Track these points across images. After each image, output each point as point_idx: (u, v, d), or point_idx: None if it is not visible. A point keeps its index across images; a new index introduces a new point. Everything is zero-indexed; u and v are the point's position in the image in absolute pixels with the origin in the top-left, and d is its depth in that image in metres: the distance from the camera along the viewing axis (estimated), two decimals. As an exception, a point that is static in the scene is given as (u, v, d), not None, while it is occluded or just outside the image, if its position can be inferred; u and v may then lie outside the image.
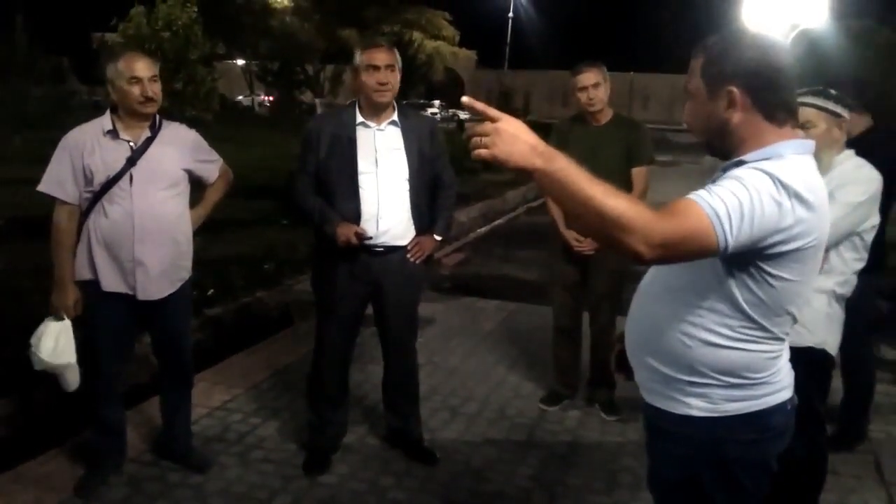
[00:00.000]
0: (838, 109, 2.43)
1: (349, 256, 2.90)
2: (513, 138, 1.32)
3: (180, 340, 2.99)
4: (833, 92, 2.45)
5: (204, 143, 2.98)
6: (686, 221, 1.33)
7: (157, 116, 2.81)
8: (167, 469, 3.02)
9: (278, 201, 8.37)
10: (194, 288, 5.14)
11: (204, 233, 2.90)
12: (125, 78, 2.66)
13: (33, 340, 2.71)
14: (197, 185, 2.98)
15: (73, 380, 2.76)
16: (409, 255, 2.99)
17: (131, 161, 2.70)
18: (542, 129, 1.65)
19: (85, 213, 2.72)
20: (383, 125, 2.92)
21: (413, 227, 2.99)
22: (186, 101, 10.32)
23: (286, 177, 3.61)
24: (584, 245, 3.58)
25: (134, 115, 2.72)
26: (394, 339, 3.16)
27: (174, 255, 2.83)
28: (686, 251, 1.36)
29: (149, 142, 2.75)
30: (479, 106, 1.35)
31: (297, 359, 4.22)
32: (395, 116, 2.94)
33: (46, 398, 3.34)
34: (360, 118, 2.89)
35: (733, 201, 1.33)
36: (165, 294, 2.81)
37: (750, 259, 1.42)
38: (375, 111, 2.90)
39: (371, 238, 2.87)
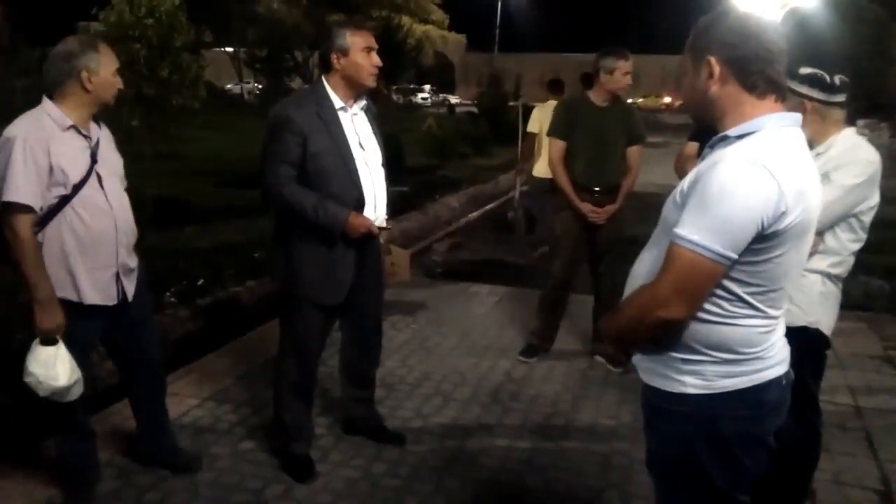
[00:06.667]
0: (802, 90, 2.36)
1: (345, 246, 2.76)
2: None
3: (150, 334, 2.84)
4: (804, 72, 2.38)
5: None
6: (672, 268, 1.45)
7: None
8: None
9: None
10: (184, 278, 5.18)
11: (193, 223, 2.84)
12: (111, 69, 2.45)
13: (39, 371, 2.38)
14: None
15: (79, 390, 2.53)
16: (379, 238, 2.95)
17: (94, 158, 2.48)
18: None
19: (43, 220, 2.38)
20: (356, 109, 2.80)
21: None
22: (172, 89, 10.15)
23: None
24: (600, 215, 3.93)
25: (93, 108, 2.50)
26: (372, 321, 3.11)
27: (134, 253, 2.70)
28: (701, 288, 1.46)
29: (98, 136, 2.55)
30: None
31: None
32: (364, 100, 2.84)
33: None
34: (339, 102, 2.73)
35: (711, 223, 1.40)
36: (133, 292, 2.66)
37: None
38: (353, 95, 2.77)
39: (389, 228, 2.84)
